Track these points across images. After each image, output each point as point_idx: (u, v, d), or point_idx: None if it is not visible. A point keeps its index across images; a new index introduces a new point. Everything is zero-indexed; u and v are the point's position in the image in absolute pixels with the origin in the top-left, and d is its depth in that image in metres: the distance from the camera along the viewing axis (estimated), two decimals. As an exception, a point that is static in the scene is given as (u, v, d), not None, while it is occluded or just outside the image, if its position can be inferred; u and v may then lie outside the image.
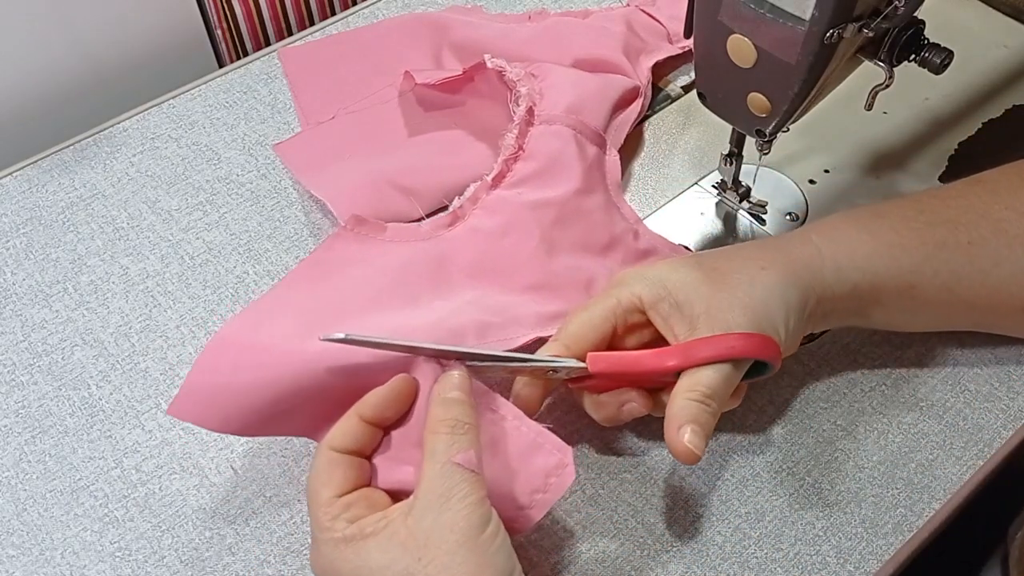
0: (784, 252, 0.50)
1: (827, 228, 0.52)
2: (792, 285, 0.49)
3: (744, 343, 0.46)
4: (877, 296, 0.51)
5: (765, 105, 0.51)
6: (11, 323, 0.60)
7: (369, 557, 0.40)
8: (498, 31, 0.73)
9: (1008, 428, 0.54)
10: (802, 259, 0.50)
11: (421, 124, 0.69)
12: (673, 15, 0.75)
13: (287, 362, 0.46)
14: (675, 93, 0.72)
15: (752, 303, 0.47)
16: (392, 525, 0.40)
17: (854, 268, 0.50)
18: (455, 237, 0.57)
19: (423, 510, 0.40)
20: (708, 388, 0.45)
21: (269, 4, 0.82)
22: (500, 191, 0.59)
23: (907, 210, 0.52)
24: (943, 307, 0.52)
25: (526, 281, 0.55)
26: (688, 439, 0.44)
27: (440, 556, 0.39)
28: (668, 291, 0.48)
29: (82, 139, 0.70)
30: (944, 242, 0.50)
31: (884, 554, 0.49)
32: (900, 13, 0.47)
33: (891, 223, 0.51)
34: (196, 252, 0.63)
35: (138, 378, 0.57)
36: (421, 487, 0.41)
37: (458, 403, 0.43)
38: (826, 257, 0.50)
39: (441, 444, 0.41)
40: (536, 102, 0.62)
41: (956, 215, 0.51)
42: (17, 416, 0.56)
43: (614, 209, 0.60)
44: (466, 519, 0.40)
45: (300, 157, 0.67)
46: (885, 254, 0.50)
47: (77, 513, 0.52)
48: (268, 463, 0.53)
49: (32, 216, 0.66)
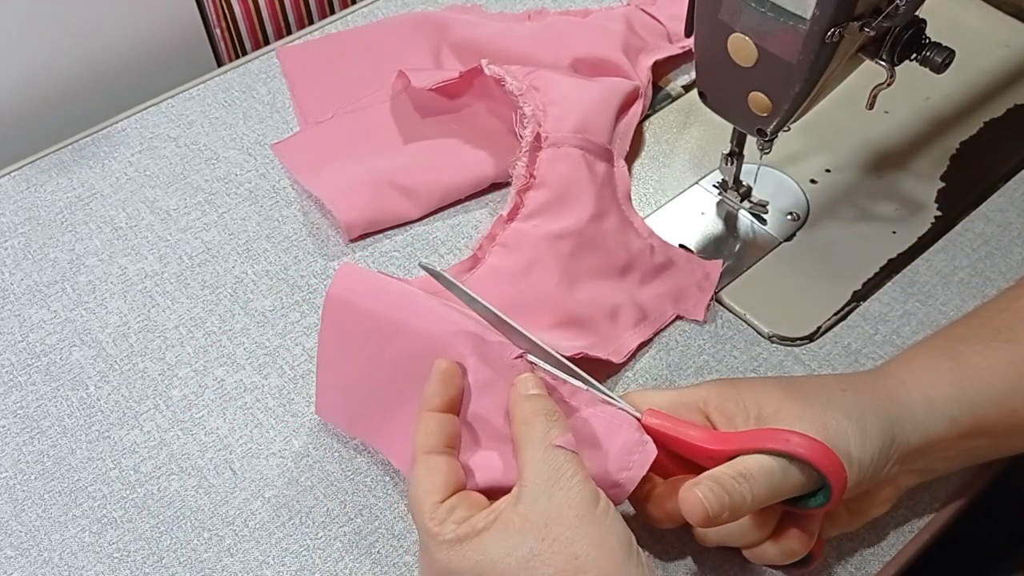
0: (867, 381, 0.47)
1: (904, 360, 0.48)
2: (873, 413, 0.45)
3: (802, 442, 0.42)
4: (980, 427, 0.46)
5: (766, 104, 0.51)
6: (9, 323, 0.60)
7: (487, 550, 0.40)
8: (498, 30, 0.73)
9: (1010, 429, 0.54)
10: (886, 390, 0.46)
11: (420, 124, 0.69)
12: (673, 14, 0.75)
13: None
14: (676, 92, 0.72)
15: (824, 418, 0.44)
16: (503, 516, 0.41)
17: (946, 399, 0.46)
18: (478, 281, 0.57)
19: (534, 495, 0.41)
20: (746, 470, 0.42)
21: (268, 3, 0.82)
22: (517, 224, 0.58)
23: (982, 330, 0.49)
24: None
25: (553, 319, 0.55)
26: (702, 491, 0.42)
27: (563, 532, 0.40)
28: (738, 391, 0.46)
29: (80, 139, 0.70)
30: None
31: (886, 556, 0.49)
32: (901, 12, 0.47)
33: (971, 345, 0.48)
34: (194, 252, 0.63)
35: (136, 378, 0.57)
36: (526, 474, 0.42)
37: (543, 398, 0.45)
38: (911, 388, 0.46)
39: (538, 431, 0.43)
40: (541, 122, 0.61)
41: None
42: (15, 416, 0.56)
43: (628, 227, 0.60)
44: (580, 495, 0.41)
45: (298, 157, 0.67)
46: (976, 379, 0.46)
47: (75, 514, 0.52)
48: (266, 464, 0.53)
49: (30, 216, 0.66)
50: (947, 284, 0.60)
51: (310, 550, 0.50)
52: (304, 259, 0.63)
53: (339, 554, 0.50)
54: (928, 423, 0.46)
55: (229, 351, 0.58)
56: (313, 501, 0.52)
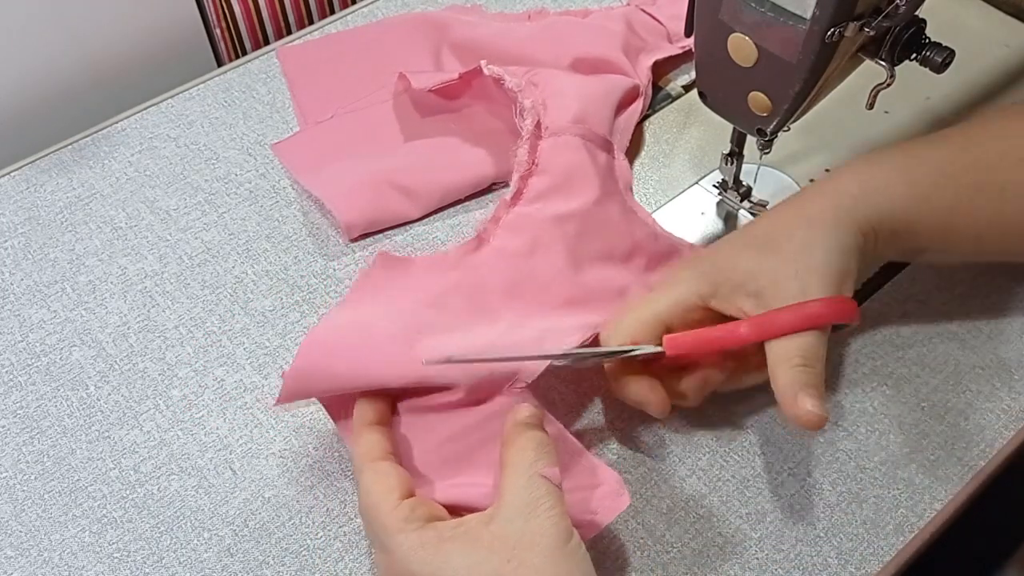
0: (826, 201, 0.49)
1: (864, 171, 0.51)
2: (845, 232, 0.48)
3: (824, 309, 0.46)
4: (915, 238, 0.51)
5: (766, 104, 0.51)
6: (9, 323, 0.60)
7: (450, 559, 0.41)
8: (497, 30, 0.73)
9: (1010, 428, 0.53)
10: (844, 206, 0.49)
11: (420, 124, 0.69)
12: (673, 14, 0.75)
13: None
14: (676, 92, 0.72)
15: (816, 266, 0.47)
16: (472, 531, 0.42)
17: (893, 217, 0.50)
18: (484, 262, 0.57)
19: (509, 517, 0.41)
20: (806, 353, 0.46)
21: (268, 3, 0.82)
22: (520, 207, 0.58)
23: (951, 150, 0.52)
24: (974, 250, 0.53)
25: (561, 298, 0.55)
26: (811, 405, 0.44)
27: (532, 559, 0.40)
28: (725, 275, 0.48)
29: (80, 139, 0.70)
30: (980, 186, 0.50)
31: (886, 555, 0.49)
32: (901, 12, 0.47)
33: (932, 168, 0.51)
34: (194, 252, 0.63)
35: (136, 378, 0.57)
36: (506, 496, 0.42)
37: (538, 429, 0.46)
38: (858, 192, 0.50)
39: (527, 458, 0.43)
40: (541, 114, 0.61)
41: (995, 160, 0.50)
42: (15, 416, 0.56)
43: (631, 214, 0.60)
44: (554, 527, 0.41)
45: (298, 157, 0.67)
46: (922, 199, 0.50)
47: (75, 514, 0.52)
48: (266, 464, 0.53)
49: (30, 216, 0.66)
50: (947, 284, 0.60)
51: (310, 550, 0.50)
52: (304, 259, 0.63)
53: (339, 554, 0.50)
54: (877, 227, 0.49)
55: (229, 351, 0.58)
56: (313, 501, 0.52)
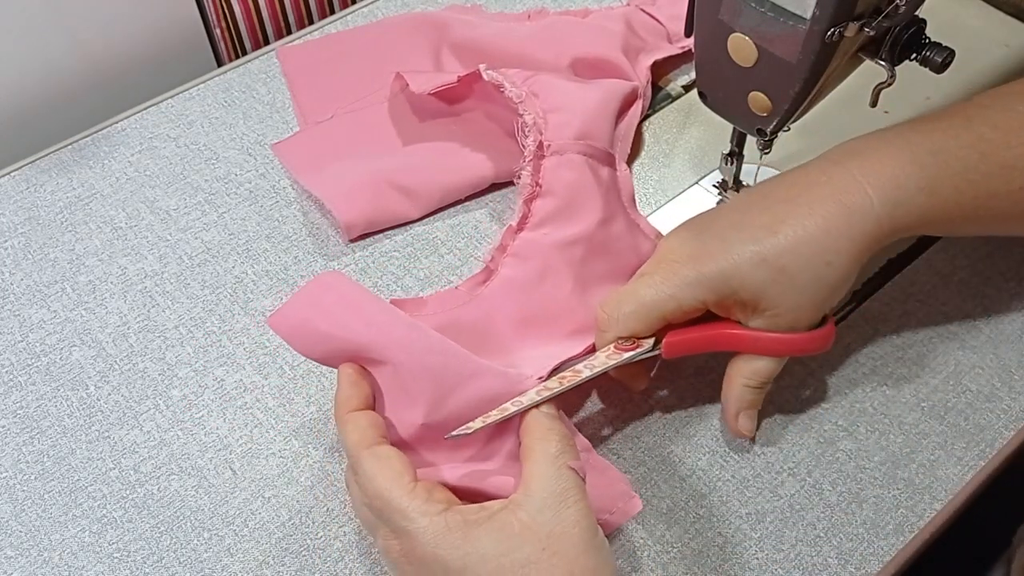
0: (842, 221, 0.49)
1: (878, 172, 0.50)
2: (861, 256, 0.49)
3: (807, 344, 0.50)
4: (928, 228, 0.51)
5: (766, 104, 0.51)
6: (9, 323, 0.60)
7: (479, 544, 0.40)
8: (497, 30, 0.73)
9: (1010, 428, 0.54)
10: (868, 231, 0.49)
11: (419, 124, 0.69)
12: (673, 15, 0.75)
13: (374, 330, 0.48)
14: (675, 92, 0.72)
15: (824, 300, 0.49)
16: (499, 517, 0.41)
17: (907, 214, 0.50)
18: (493, 293, 0.57)
19: (539, 506, 0.41)
20: (761, 376, 0.51)
21: (268, 3, 0.82)
22: (526, 233, 0.58)
23: (966, 152, 0.51)
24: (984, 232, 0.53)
25: (570, 327, 0.55)
26: (746, 427, 0.52)
27: (568, 549, 0.40)
28: (731, 289, 0.49)
29: (80, 139, 0.70)
30: (996, 192, 0.50)
31: (885, 555, 0.49)
32: (901, 12, 0.47)
33: (947, 162, 0.50)
34: (194, 252, 0.63)
35: (136, 378, 0.57)
36: (533, 485, 0.42)
37: (560, 422, 0.46)
38: (881, 212, 0.49)
39: (553, 448, 0.44)
40: (542, 130, 0.61)
41: (1014, 160, 0.50)
42: (15, 417, 0.56)
43: (636, 229, 0.60)
44: (585, 519, 0.42)
45: (298, 157, 0.67)
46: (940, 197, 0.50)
47: (75, 514, 0.52)
48: (267, 464, 0.53)
49: (30, 216, 0.66)
50: (947, 284, 0.60)
51: (310, 550, 0.50)
52: (304, 259, 0.63)
53: (339, 554, 0.50)
54: (888, 230, 0.49)
55: (229, 351, 0.58)
56: (313, 501, 0.52)
